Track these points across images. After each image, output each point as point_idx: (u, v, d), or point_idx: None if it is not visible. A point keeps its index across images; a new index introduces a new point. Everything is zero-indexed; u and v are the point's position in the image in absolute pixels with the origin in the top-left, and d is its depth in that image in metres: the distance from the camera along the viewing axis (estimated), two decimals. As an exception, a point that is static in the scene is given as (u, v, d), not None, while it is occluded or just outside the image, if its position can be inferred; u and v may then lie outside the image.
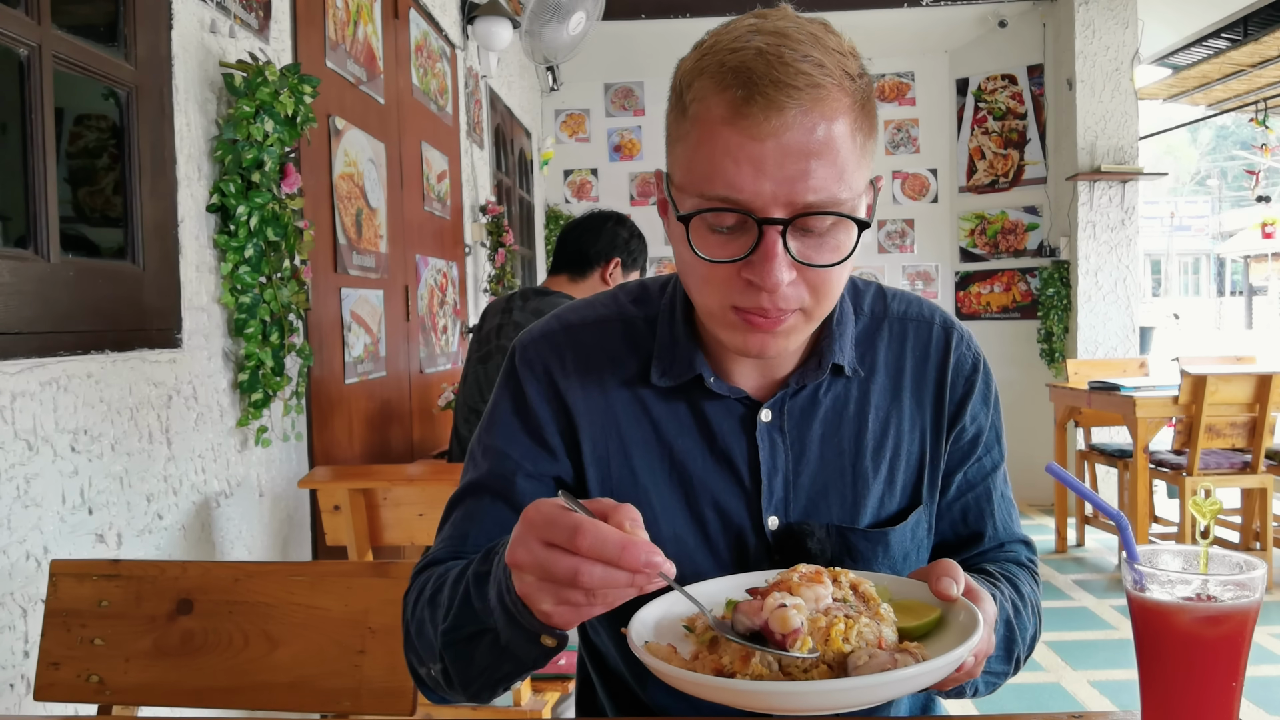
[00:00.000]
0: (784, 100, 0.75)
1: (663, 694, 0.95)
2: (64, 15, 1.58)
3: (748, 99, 0.75)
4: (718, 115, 0.77)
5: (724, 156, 0.77)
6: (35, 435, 1.46)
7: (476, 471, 0.95)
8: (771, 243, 0.77)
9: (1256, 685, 3.17)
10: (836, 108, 0.77)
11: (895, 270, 6.58)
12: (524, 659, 0.77)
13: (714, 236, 0.80)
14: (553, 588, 0.66)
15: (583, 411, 0.94)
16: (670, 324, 0.94)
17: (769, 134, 0.75)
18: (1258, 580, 0.69)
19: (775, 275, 0.77)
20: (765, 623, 0.70)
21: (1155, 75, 5.96)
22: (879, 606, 0.74)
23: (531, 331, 0.98)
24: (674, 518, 0.92)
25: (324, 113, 2.59)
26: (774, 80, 0.75)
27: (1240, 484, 4.20)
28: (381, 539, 2.25)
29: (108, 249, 1.76)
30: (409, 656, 0.89)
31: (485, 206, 4.48)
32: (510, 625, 0.73)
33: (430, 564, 0.92)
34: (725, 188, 0.77)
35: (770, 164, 0.76)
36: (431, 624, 0.84)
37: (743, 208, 0.77)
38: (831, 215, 0.78)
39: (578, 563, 0.63)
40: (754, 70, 0.75)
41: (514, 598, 0.71)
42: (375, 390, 2.99)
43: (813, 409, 0.94)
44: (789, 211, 0.77)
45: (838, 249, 0.80)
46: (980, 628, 0.70)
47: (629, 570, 0.63)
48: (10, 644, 1.42)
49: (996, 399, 1.00)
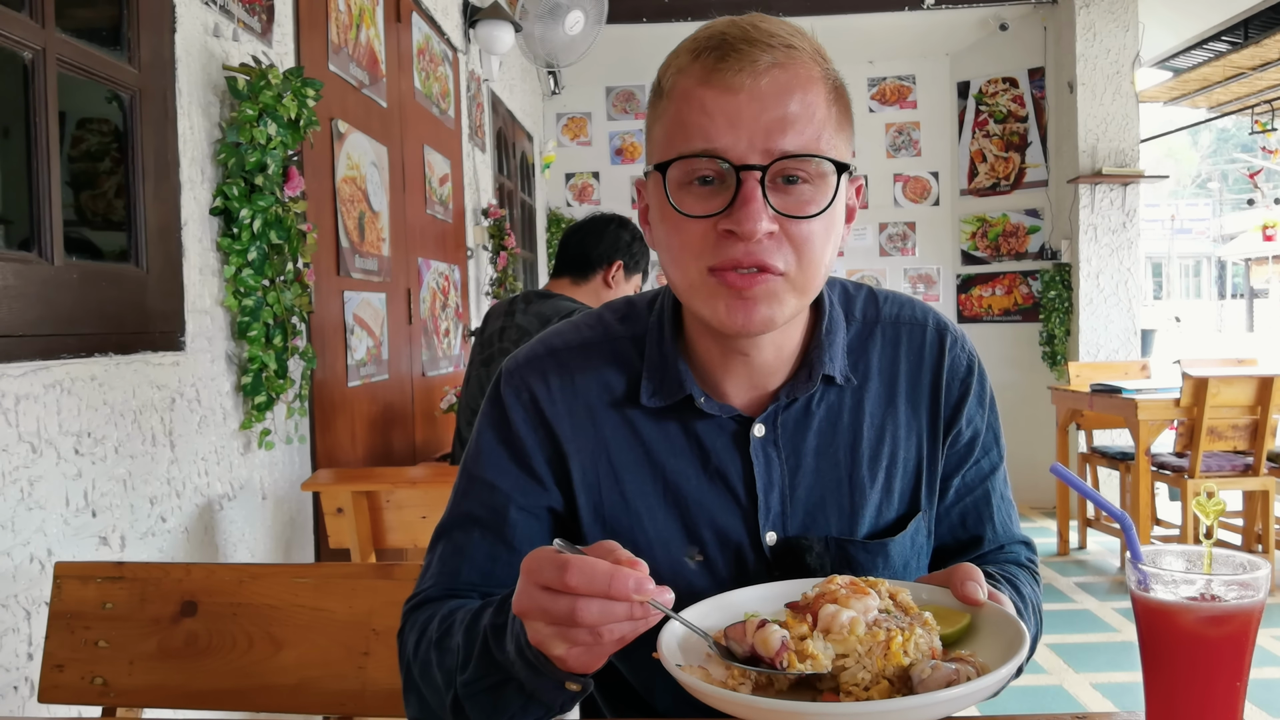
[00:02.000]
0: (758, 54, 0.78)
1: (671, 701, 0.93)
2: (68, 19, 1.58)
3: (721, 57, 0.78)
4: (693, 79, 0.80)
5: (699, 114, 0.79)
6: (39, 438, 1.47)
7: (465, 503, 0.93)
8: (750, 189, 0.78)
9: (1259, 687, 3.17)
10: (810, 74, 0.80)
11: (896, 273, 6.59)
12: (550, 705, 0.76)
13: (692, 194, 0.80)
14: (560, 630, 0.66)
15: (570, 438, 0.91)
16: (659, 342, 0.93)
17: (743, 86, 0.78)
18: (1261, 580, 0.69)
19: (753, 220, 0.77)
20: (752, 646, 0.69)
21: (1156, 78, 5.97)
22: (922, 616, 0.72)
23: (517, 357, 0.96)
24: (667, 539, 0.90)
25: (327, 116, 2.60)
26: (747, 39, 0.78)
27: (1242, 486, 4.20)
28: (384, 541, 2.25)
29: (111, 252, 1.77)
30: (408, 697, 0.87)
31: (487, 210, 4.48)
32: (533, 674, 0.73)
33: (424, 601, 0.90)
34: (703, 140, 0.78)
35: (746, 114, 0.78)
36: (442, 669, 0.82)
37: (720, 155, 0.78)
38: (810, 158, 0.79)
39: (573, 601, 0.64)
40: (727, 34, 0.79)
41: (532, 649, 0.70)
42: (378, 393, 3.00)
43: (806, 421, 0.92)
44: (765, 159, 0.78)
45: (817, 202, 0.80)
46: (1027, 631, 0.70)
47: (620, 599, 0.63)
48: (14, 646, 1.42)
49: (993, 400, 0.99)
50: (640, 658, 0.94)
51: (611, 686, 1.00)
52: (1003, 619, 0.74)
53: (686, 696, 0.95)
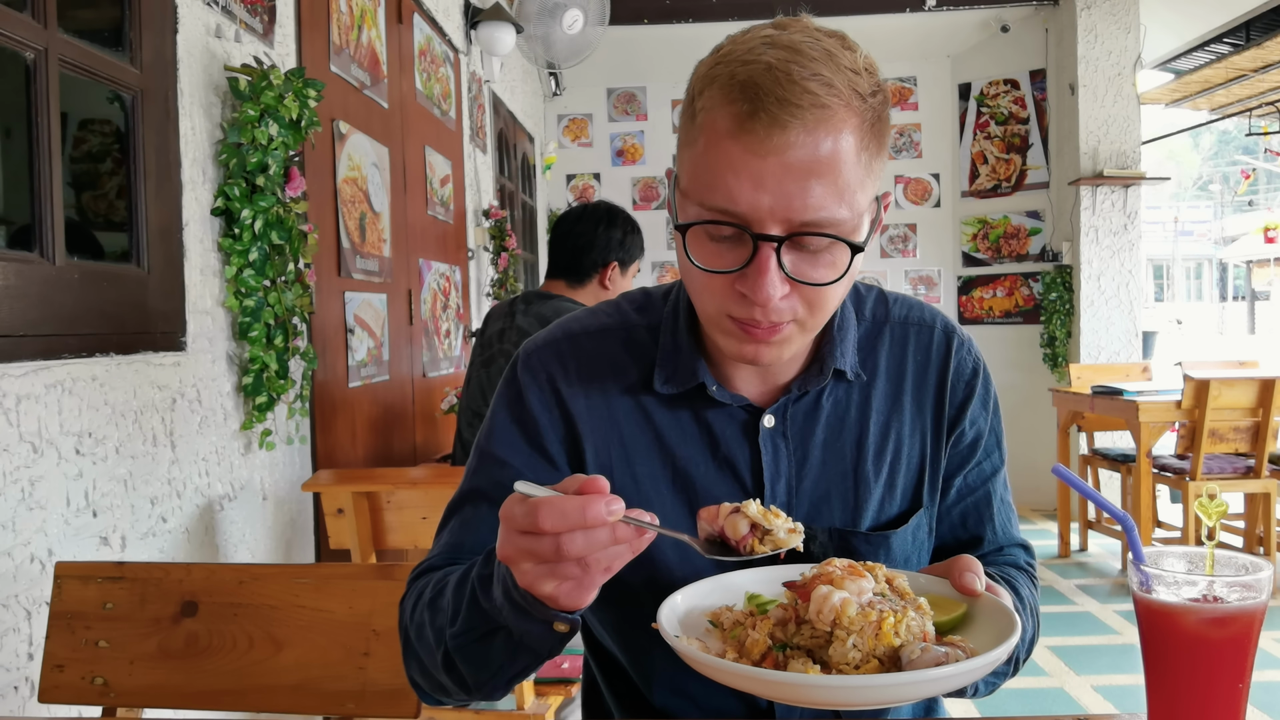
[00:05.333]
0: (787, 119, 0.75)
1: (670, 695, 0.96)
2: (70, 19, 1.58)
3: (752, 114, 0.76)
4: (723, 128, 0.78)
5: (726, 169, 0.78)
6: (40, 438, 1.47)
7: (475, 479, 0.95)
8: (765, 258, 0.78)
9: (1261, 690, 3.16)
10: (841, 127, 0.77)
11: (898, 274, 6.58)
12: (539, 650, 0.77)
13: (711, 246, 0.81)
14: (548, 568, 0.67)
15: (586, 419, 0.94)
16: (673, 332, 0.95)
17: (771, 151, 0.76)
18: (1264, 581, 0.69)
19: (766, 290, 0.78)
20: (721, 530, 0.72)
21: (1157, 80, 5.98)
22: (917, 601, 0.74)
23: (536, 340, 0.99)
24: (676, 524, 0.92)
25: (328, 117, 2.60)
26: (779, 98, 0.75)
27: (1243, 489, 4.19)
28: (385, 542, 2.25)
29: (112, 252, 1.77)
30: (408, 662, 0.89)
31: (488, 211, 4.48)
32: (522, 618, 0.74)
33: (426, 570, 0.92)
34: (724, 200, 0.78)
35: (770, 180, 0.76)
36: (433, 627, 0.84)
37: (739, 221, 0.78)
38: (827, 237, 0.78)
39: (555, 538, 0.65)
40: (761, 86, 0.76)
41: (520, 591, 0.72)
42: (378, 394, 3.00)
43: (815, 414, 0.94)
44: (785, 229, 0.78)
45: (833, 267, 0.81)
46: (1019, 620, 0.71)
47: (598, 525, 0.65)
48: (15, 646, 1.42)
49: (996, 404, 1.01)
50: (638, 651, 0.96)
51: (615, 685, 1.02)
52: (998, 610, 0.75)
53: (685, 693, 0.96)
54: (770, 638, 0.74)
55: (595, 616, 1.00)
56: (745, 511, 0.72)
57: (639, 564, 0.92)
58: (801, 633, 0.73)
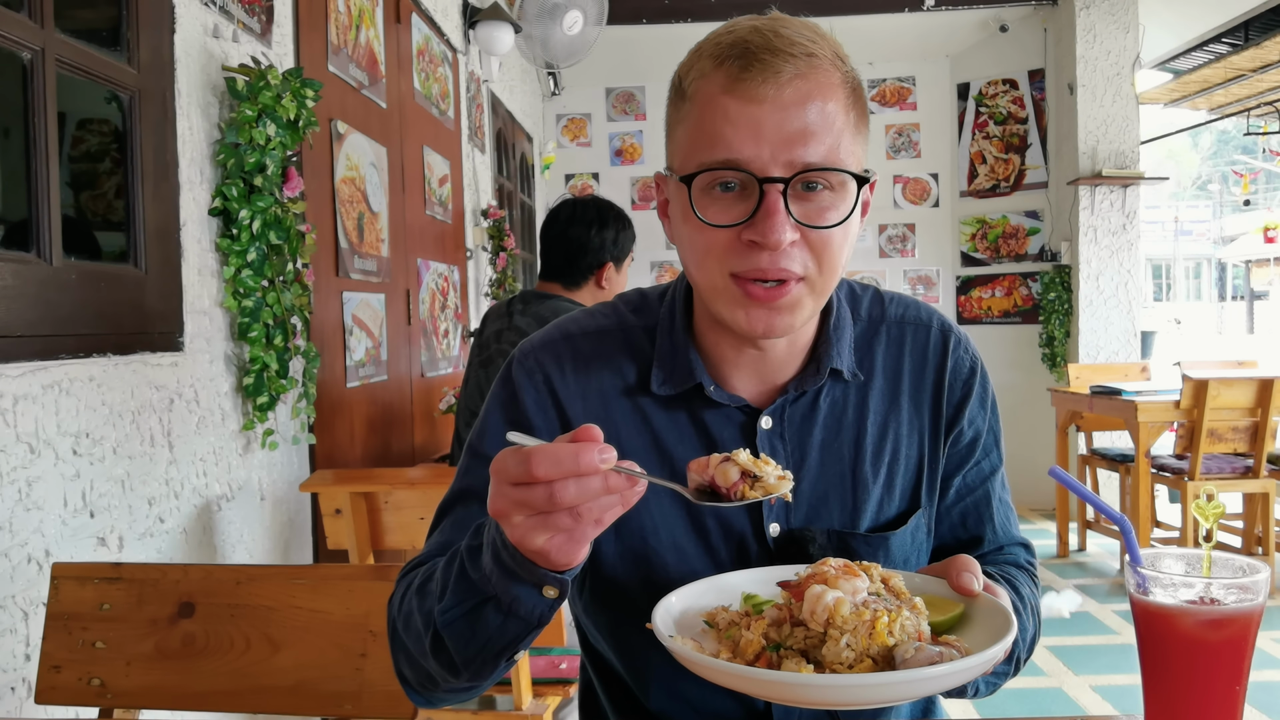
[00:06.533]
0: (780, 65, 0.79)
1: (666, 699, 0.95)
2: (67, 19, 1.58)
3: (745, 66, 0.79)
4: (716, 86, 0.81)
5: (723, 122, 0.80)
6: (37, 438, 1.46)
7: (467, 479, 0.94)
8: (773, 201, 0.79)
9: (1259, 690, 3.16)
10: (830, 81, 0.81)
11: (896, 274, 6.58)
12: (529, 618, 0.75)
13: (716, 202, 0.82)
14: (539, 520, 0.66)
15: (582, 420, 0.93)
16: (670, 332, 0.95)
17: (766, 97, 0.79)
18: (1261, 583, 0.69)
19: (777, 232, 0.79)
20: (712, 479, 0.72)
21: (1156, 80, 5.98)
22: (912, 600, 0.74)
23: (532, 340, 0.99)
24: (674, 526, 0.92)
25: (326, 117, 2.60)
26: (770, 48, 0.79)
27: (1242, 489, 4.20)
28: (383, 543, 2.25)
29: (110, 252, 1.76)
30: (396, 656, 0.88)
31: (487, 210, 4.48)
32: (511, 581, 0.73)
33: (415, 566, 0.92)
34: (726, 151, 0.80)
35: (768, 126, 0.79)
36: (422, 612, 0.83)
37: (743, 168, 0.80)
38: (831, 170, 0.81)
39: (549, 486, 0.65)
40: (750, 42, 0.80)
41: (510, 550, 0.71)
42: (377, 394, 2.99)
43: (812, 415, 0.94)
44: (788, 170, 0.80)
45: (838, 210, 0.82)
46: (1015, 620, 0.71)
47: (590, 473, 0.64)
48: (11, 647, 1.42)
49: (994, 403, 1.01)
50: (634, 654, 0.95)
51: (612, 690, 1.01)
52: (995, 610, 0.75)
53: (681, 696, 0.95)
54: (765, 638, 0.73)
55: (591, 620, 0.99)
56: (736, 459, 0.72)
57: (635, 564, 0.92)
58: (796, 633, 0.73)
